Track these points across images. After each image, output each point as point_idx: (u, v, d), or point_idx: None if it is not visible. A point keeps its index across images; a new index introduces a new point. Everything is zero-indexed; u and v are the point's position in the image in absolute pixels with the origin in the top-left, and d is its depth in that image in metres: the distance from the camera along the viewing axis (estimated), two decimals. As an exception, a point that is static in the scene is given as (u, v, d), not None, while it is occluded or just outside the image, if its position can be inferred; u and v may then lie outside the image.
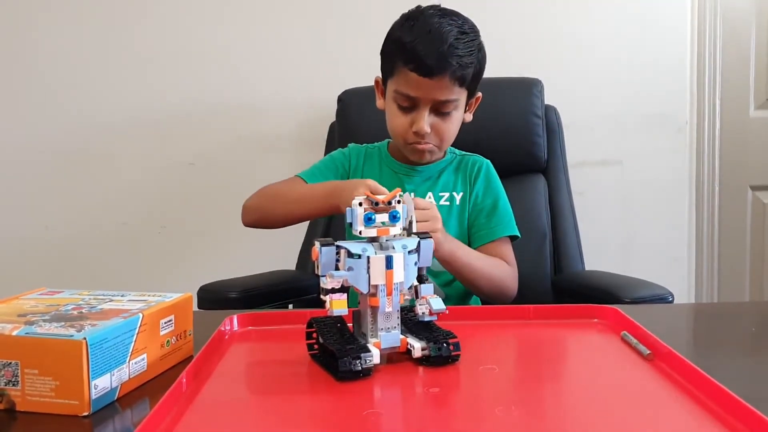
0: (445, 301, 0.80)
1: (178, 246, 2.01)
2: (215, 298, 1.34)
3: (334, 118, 1.76)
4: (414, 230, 0.83)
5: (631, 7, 1.96)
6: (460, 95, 1.23)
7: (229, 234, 2.01)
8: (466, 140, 1.41)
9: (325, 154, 1.74)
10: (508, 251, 1.30)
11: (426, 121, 1.22)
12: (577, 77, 1.95)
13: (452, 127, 1.26)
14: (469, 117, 1.32)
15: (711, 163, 2.07)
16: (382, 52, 1.27)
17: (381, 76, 1.31)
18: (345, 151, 1.41)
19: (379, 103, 1.33)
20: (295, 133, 1.97)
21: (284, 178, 1.83)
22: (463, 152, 1.39)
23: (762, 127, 2.10)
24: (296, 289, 1.49)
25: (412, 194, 0.97)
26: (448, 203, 1.31)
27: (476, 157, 1.37)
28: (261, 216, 1.32)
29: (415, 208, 0.95)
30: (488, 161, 1.37)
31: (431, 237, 0.82)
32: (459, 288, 1.30)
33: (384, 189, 1.04)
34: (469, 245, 1.30)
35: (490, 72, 1.62)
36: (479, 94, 1.32)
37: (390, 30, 1.25)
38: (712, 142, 2.07)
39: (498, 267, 1.26)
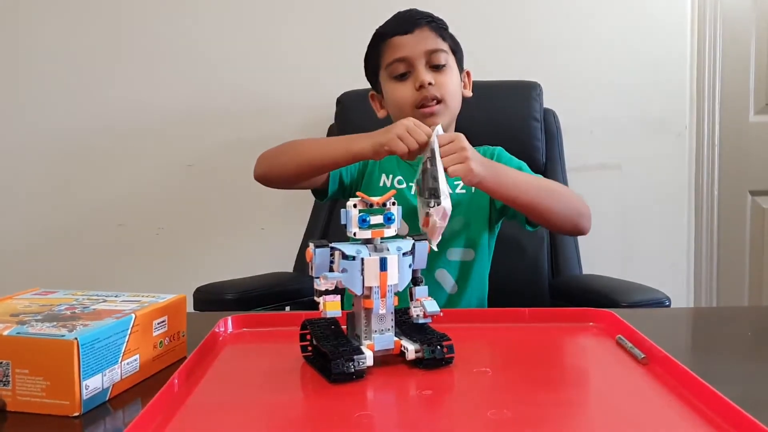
0: (441, 302, 0.80)
1: (176, 248, 2.01)
2: (211, 299, 1.34)
3: (333, 120, 1.76)
4: (439, 169, 0.93)
5: (630, 11, 1.96)
6: (448, 51, 1.26)
7: (227, 236, 2.01)
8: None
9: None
10: None
11: (425, 72, 1.22)
12: (576, 81, 1.94)
13: (452, 80, 1.25)
14: (468, 92, 1.33)
15: (710, 168, 2.07)
16: (366, 62, 1.32)
17: (374, 90, 1.34)
18: None
19: (380, 113, 1.33)
20: (294, 135, 1.93)
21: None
22: (473, 145, 1.38)
23: (761, 132, 2.09)
24: (293, 291, 1.49)
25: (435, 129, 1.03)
26: (464, 191, 1.30)
27: (487, 147, 1.36)
28: (273, 165, 1.25)
29: (440, 145, 1.01)
30: (501, 147, 1.36)
31: (426, 239, 0.81)
32: (470, 284, 1.29)
33: (424, 128, 1.06)
34: (496, 224, 1.31)
35: (488, 75, 1.63)
36: (467, 69, 1.33)
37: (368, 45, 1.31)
38: (711, 146, 2.06)
39: (555, 183, 1.21)
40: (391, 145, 1.06)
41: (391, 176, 1.31)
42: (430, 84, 1.21)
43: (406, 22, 1.25)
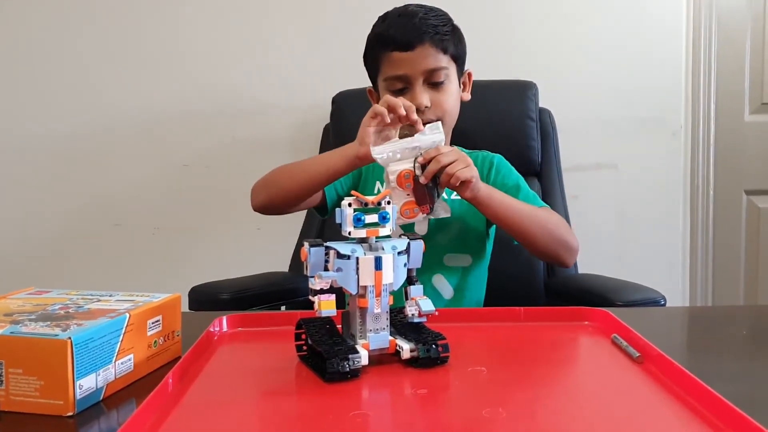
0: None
1: (172, 247, 2.01)
2: (206, 299, 1.33)
3: (328, 120, 1.76)
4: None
5: (626, 11, 1.96)
6: (448, 65, 1.24)
7: (223, 236, 2.01)
8: (459, 142, 1.40)
9: (319, 156, 1.74)
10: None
11: (422, 95, 1.21)
12: (571, 80, 1.95)
13: (449, 98, 1.24)
14: (467, 96, 1.32)
15: (706, 167, 2.07)
16: (365, 57, 1.30)
17: (372, 86, 1.32)
18: None
19: None
20: (289, 135, 1.97)
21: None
22: (473, 150, 1.38)
23: (757, 132, 2.10)
24: (289, 290, 1.49)
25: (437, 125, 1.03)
26: (458, 197, 1.30)
27: (486, 153, 1.35)
28: (271, 194, 1.23)
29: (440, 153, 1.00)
30: (500, 155, 1.35)
31: (420, 239, 0.81)
32: (469, 279, 1.29)
33: (397, 102, 1.06)
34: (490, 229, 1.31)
35: (484, 75, 1.63)
36: (469, 70, 1.32)
37: (367, 37, 1.28)
38: (706, 146, 2.07)
39: (546, 211, 1.21)
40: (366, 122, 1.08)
41: (385, 183, 1.31)
42: (426, 107, 1.21)
43: (408, 33, 1.20)
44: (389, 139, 1.08)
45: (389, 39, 1.22)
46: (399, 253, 0.78)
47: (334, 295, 0.75)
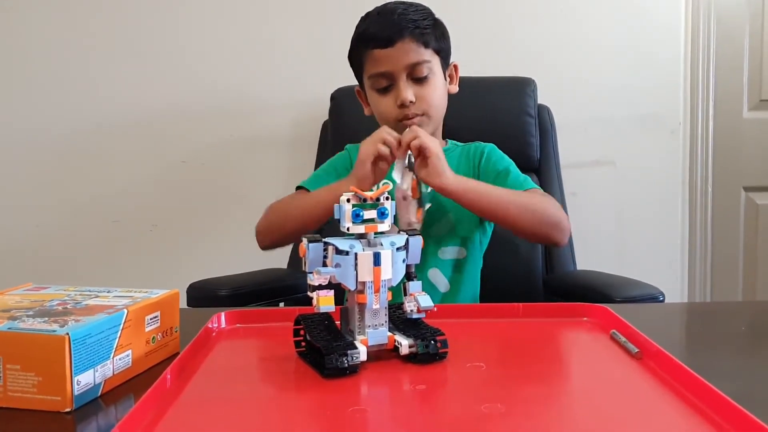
0: (434, 298, 0.80)
1: (170, 244, 2.00)
2: (204, 296, 1.33)
3: (327, 117, 1.76)
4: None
5: (625, 8, 1.96)
6: (431, 58, 1.24)
7: (221, 232, 2.00)
8: (457, 137, 1.40)
9: (318, 153, 1.74)
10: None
11: (406, 90, 1.21)
12: (570, 77, 1.95)
13: (434, 92, 1.24)
14: (454, 88, 1.32)
15: (704, 164, 2.07)
16: (350, 58, 1.30)
17: (359, 87, 1.33)
18: (343, 154, 1.39)
19: (367, 110, 1.33)
20: (288, 132, 1.97)
21: (277, 176, 1.82)
22: (466, 143, 1.38)
23: (755, 129, 2.10)
24: (287, 287, 1.49)
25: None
26: None
27: (479, 143, 1.35)
28: (276, 236, 1.27)
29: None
30: (493, 144, 1.35)
31: (420, 234, 0.81)
32: (465, 275, 1.29)
33: (395, 135, 1.12)
34: (487, 223, 1.32)
35: (483, 71, 1.63)
36: (455, 62, 1.32)
37: (351, 38, 1.29)
38: (705, 143, 2.07)
39: (531, 195, 1.21)
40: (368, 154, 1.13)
41: (375, 187, 1.31)
42: (411, 102, 1.21)
43: (388, 29, 1.21)
44: (384, 172, 1.14)
45: (370, 37, 1.23)
46: (398, 248, 0.78)
47: (332, 291, 0.75)
